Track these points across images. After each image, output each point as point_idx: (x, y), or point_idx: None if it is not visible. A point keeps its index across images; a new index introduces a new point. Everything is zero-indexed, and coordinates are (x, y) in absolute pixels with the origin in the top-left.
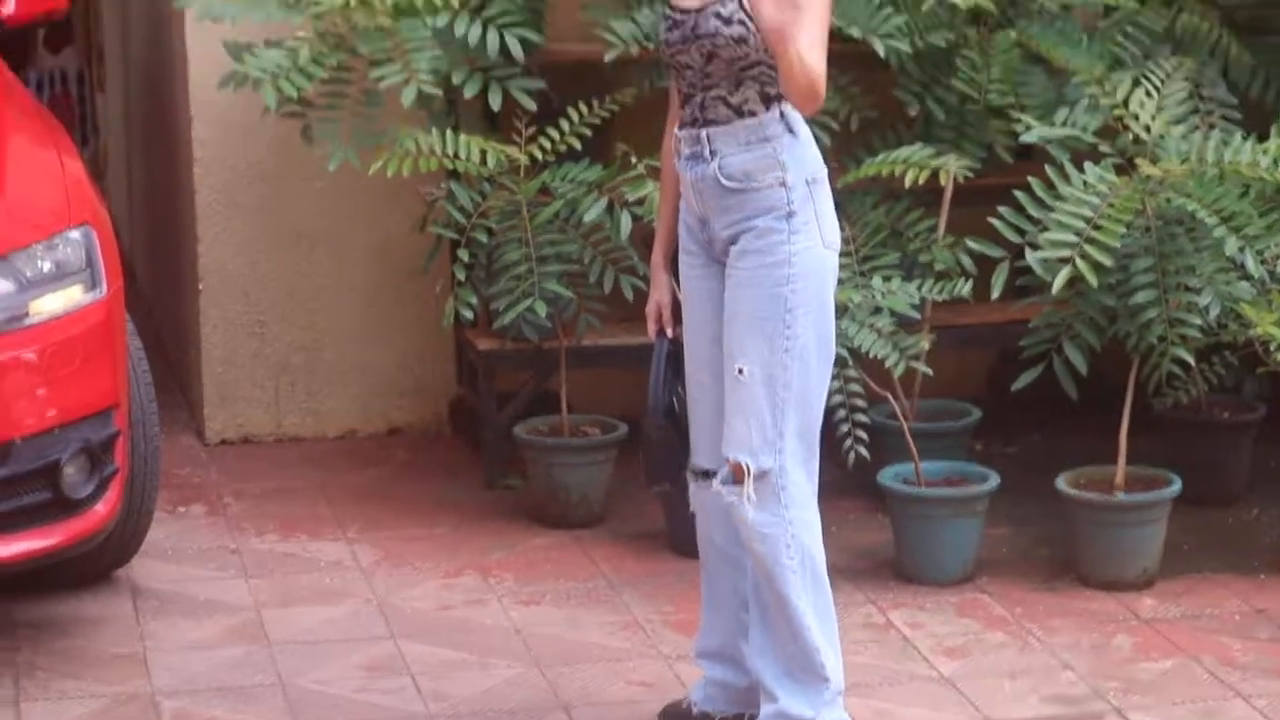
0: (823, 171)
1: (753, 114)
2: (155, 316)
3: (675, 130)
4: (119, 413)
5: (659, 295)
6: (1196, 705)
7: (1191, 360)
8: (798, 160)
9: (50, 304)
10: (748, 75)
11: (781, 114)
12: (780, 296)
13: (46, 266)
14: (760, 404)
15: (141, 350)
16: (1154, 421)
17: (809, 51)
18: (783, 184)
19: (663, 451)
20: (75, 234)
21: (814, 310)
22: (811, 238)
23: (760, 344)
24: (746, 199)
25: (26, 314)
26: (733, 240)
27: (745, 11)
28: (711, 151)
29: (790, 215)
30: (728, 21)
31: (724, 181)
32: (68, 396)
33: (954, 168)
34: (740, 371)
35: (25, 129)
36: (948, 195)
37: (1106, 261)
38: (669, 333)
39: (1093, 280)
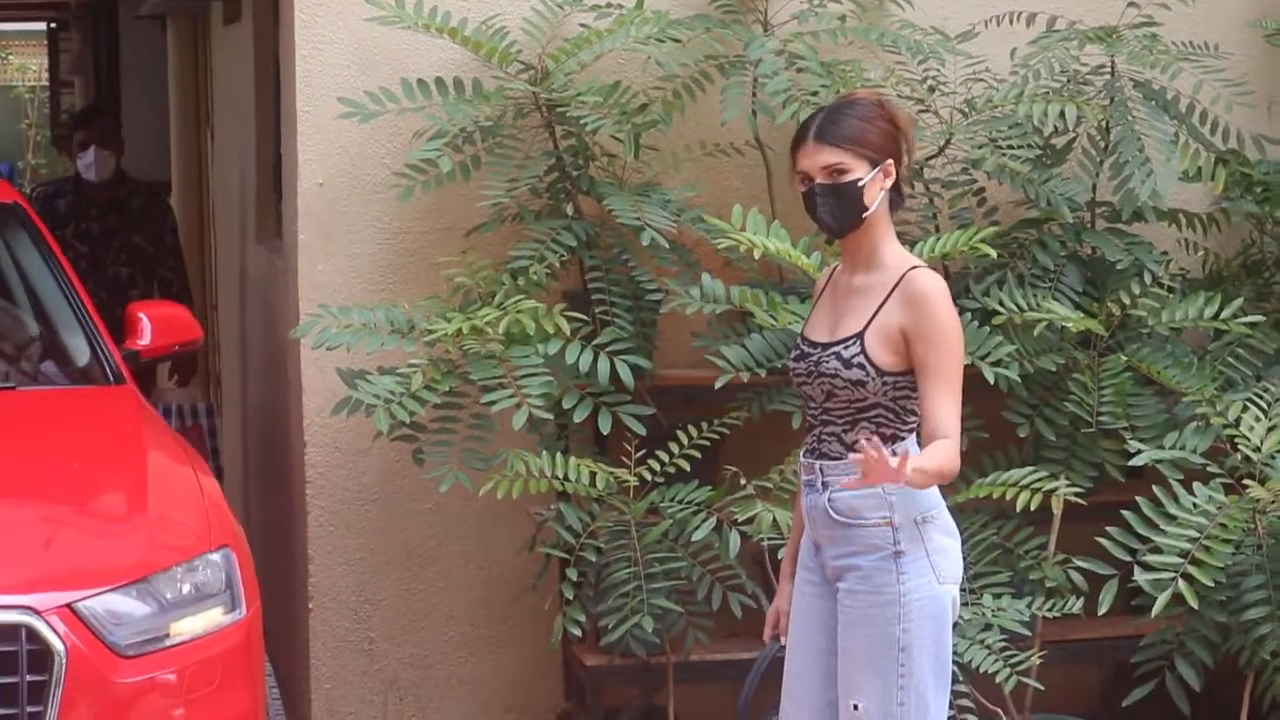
0: (938, 508)
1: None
2: (265, 632)
3: (800, 455)
4: None
5: (780, 603)
6: None
7: None
8: (907, 500)
9: (191, 625)
10: (864, 416)
11: (893, 453)
12: (893, 636)
13: (187, 588)
14: None
15: (269, 669)
16: None
17: (942, 419)
18: (889, 523)
19: None
20: (215, 556)
21: (929, 647)
22: (924, 575)
23: (875, 682)
24: (853, 534)
25: (167, 635)
26: (839, 576)
27: (867, 357)
28: (824, 484)
29: (898, 555)
30: (848, 364)
31: (833, 514)
32: (207, 717)
33: (1065, 492)
34: (856, 708)
35: (165, 454)
36: (1058, 517)
37: (1211, 581)
38: (782, 640)
39: (1193, 601)
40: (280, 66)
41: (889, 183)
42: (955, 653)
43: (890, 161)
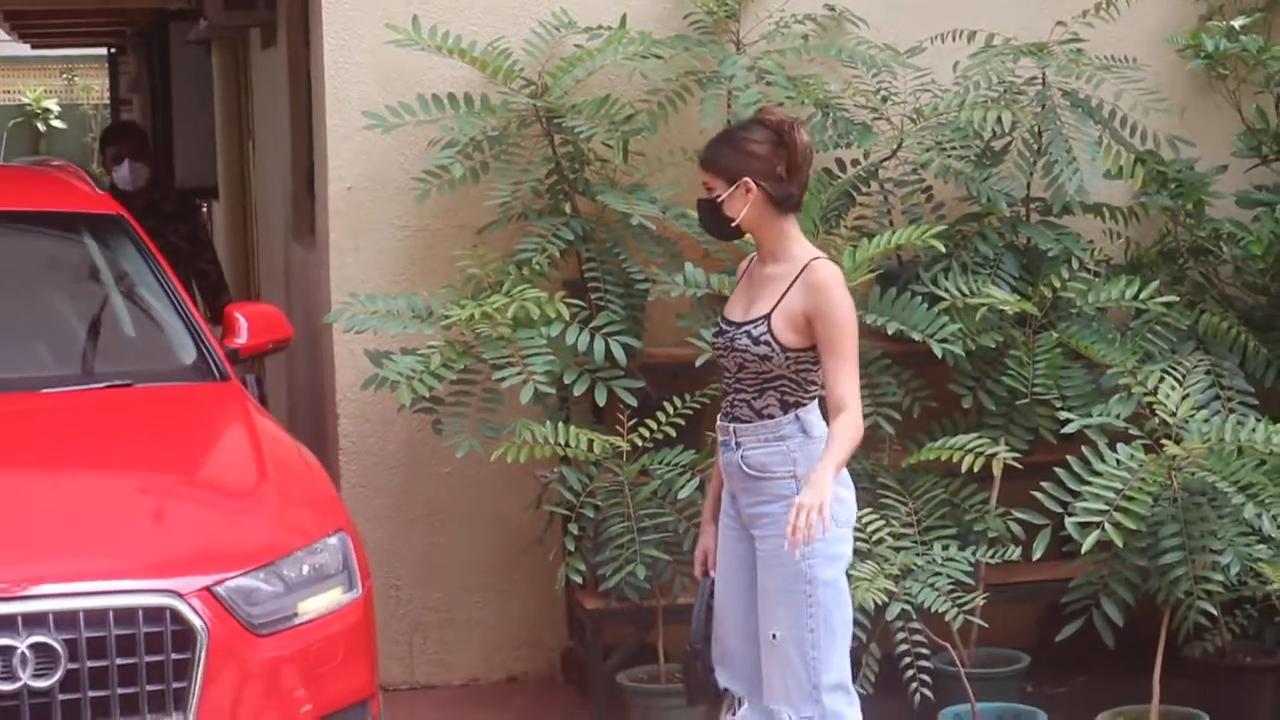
0: None
1: (771, 417)
2: None
3: (718, 419)
4: (374, 703)
5: (705, 542)
6: None
7: (1216, 612)
8: (809, 456)
9: (315, 604)
10: (770, 386)
11: (796, 417)
12: (800, 572)
13: (310, 570)
14: (794, 663)
15: None
16: (1184, 666)
17: (845, 388)
18: (794, 476)
19: (702, 671)
20: (333, 540)
21: (831, 580)
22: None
23: (788, 612)
24: (763, 485)
25: (295, 614)
26: (753, 523)
27: (773, 335)
28: (737, 443)
29: None
30: (756, 341)
31: (745, 469)
32: (330, 691)
33: (1004, 455)
34: (774, 637)
35: (281, 446)
36: (998, 477)
37: (1134, 527)
38: (711, 573)
39: (1119, 542)
40: (311, 85)
41: (751, 196)
42: (909, 595)
43: (747, 179)
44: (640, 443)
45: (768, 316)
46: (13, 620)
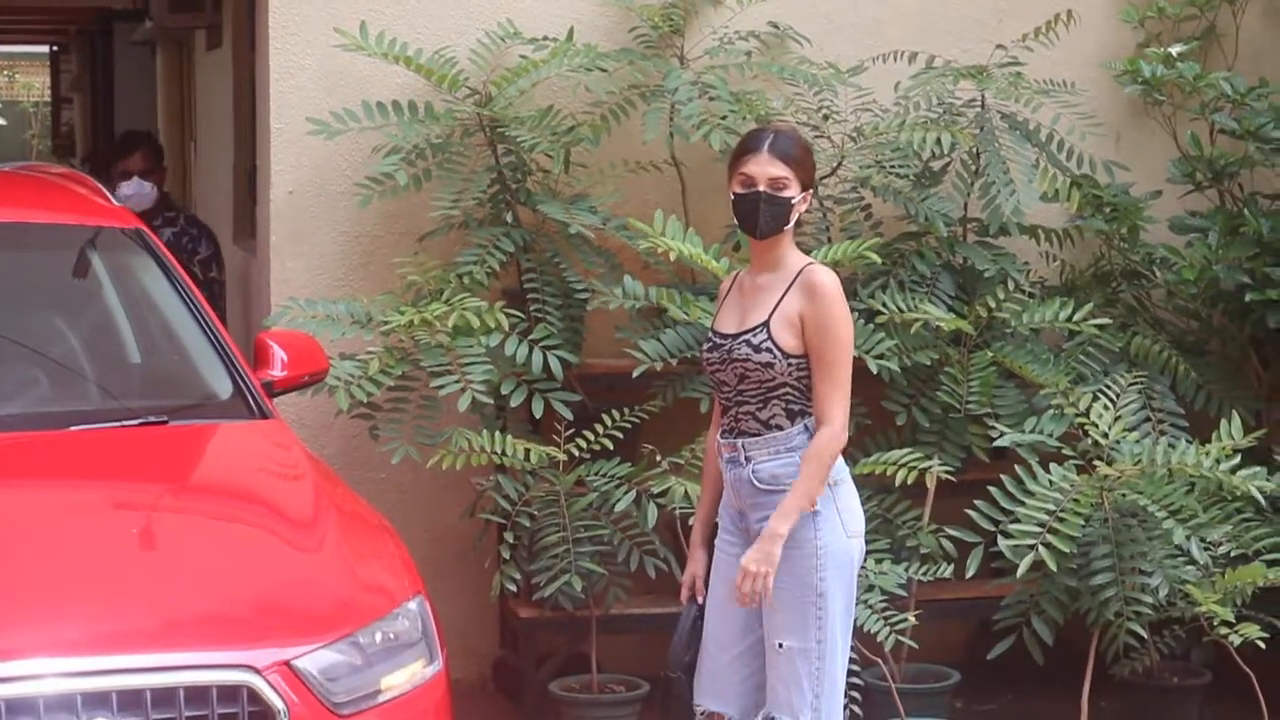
0: (844, 472)
1: (779, 428)
2: None
3: (717, 435)
4: None
5: (694, 568)
6: None
7: (1145, 633)
8: None
9: (397, 679)
10: (774, 395)
11: (805, 427)
12: (811, 584)
13: (391, 640)
14: (798, 673)
15: None
16: (1113, 685)
17: (828, 406)
18: None
19: (679, 698)
20: (412, 605)
21: (841, 592)
22: (835, 530)
23: (797, 622)
24: (775, 499)
25: (378, 690)
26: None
27: (773, 341)
28: (746, 458)
29: (815, 514)
30: (757, 349)
31: (756, 483)
32: None
33: (937, 470)
34: (780, 646)
35: (347, 497)
36: (931, 491)
37: (1067, 549)
38: (699, 600)
39: (1053, 565)
40: (256, 88)
41: (805, 207)
42: None
43: (809, 192)
44: (577, 453)
45: (766, 323)
46: (70, 701)
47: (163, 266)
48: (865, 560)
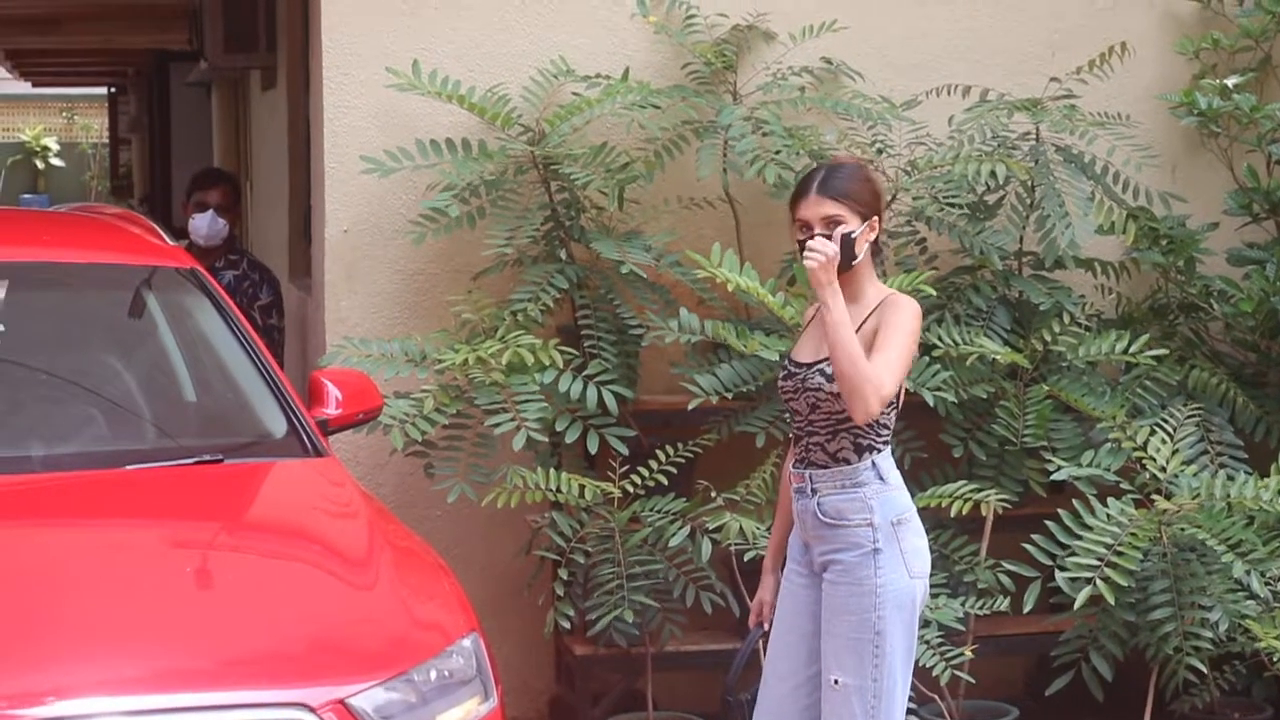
0: (910, 511)
1: (846, 461)
2: None
3: (789, 464)
4: None
5: (763, 594)
6: None
7: (1204, 668)
8: (884, 504)
9: (453, 716)
10: (843, 427)
11: (873, 464)
12: (870, 622)
13: (445, 677)
14: (853, 710)
15: None
16: None
17: (874, 363)
18: (869, 524)
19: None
20: (466, 642)
21: (900, 632)
22: (897, 570)
23: (853, 660)
24: (838, 533)
25: None
26: (824, 568)
27: None
28: (813, 489)
29: (876, 552)
30: (830, 379)
31: (821, 516)
32: None
33: (993, 501)
34: (835, 682)
35: (401, 534)
36: (988, 524)
37: (1125, 583)
38: (765, 626)
39: (1111, 598)
40: (310, 127)
41: (873, 235)
42: None
43: (876, 218)
44: (632, 489)
45: None
46: None
47: (218, 305)
48: None
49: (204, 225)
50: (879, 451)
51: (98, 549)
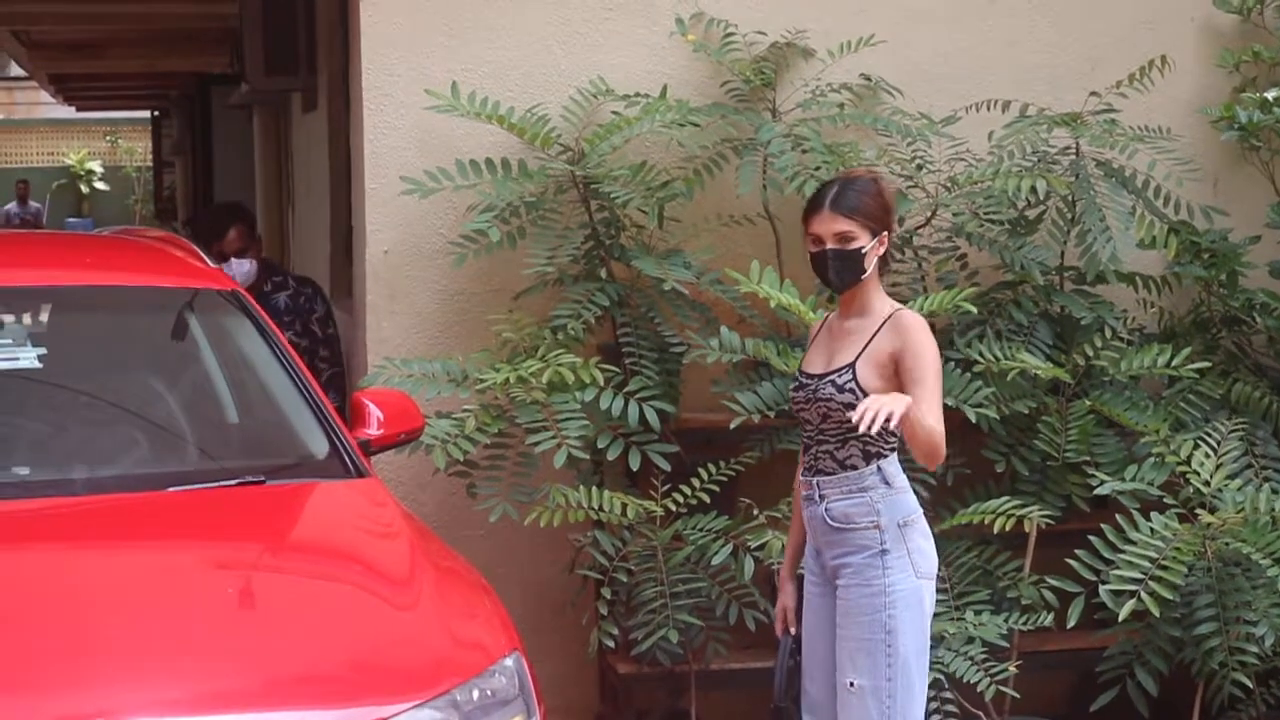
0: (916, 514)
1: (854, 468)
2: None
3: (800, 473)
4: None
5: (784, 600)
6: None
7: (1250, 683)
8: (890, 506)
9: None
10: (853, 436)
11: (879, 469)
12: (880, 622)
13: (488, 697)
14: (869, 712)
15: None
16: None
17: (931, 418)
18: (876, 526)
19: None
20: (509, 661)
21: (911, 631)
22: (905, 570)
23: (866, 662)
24: (846, 536)
25: None
26: (836, 573)
27: (857, 382)
28: (820, 496)
29: (884, 553)
30: (841, 389)
31: (829, 521)
32: None
33: (1036, 516)
34: (851, 685)
35: (443, 554)
36: (1032, 540)
37: (1170, 597)
38: (792, 631)
39: (1155, 611)
40: (351, 149)
41: (883, 250)
42: (941, 664)
43: (885, 234)
44: (674, 508)
45: (852, 365)
46: None
47: (259, 327)
48: (965, 613)
49: (232, 273)
50: (885, 457)
51: (142, 571)
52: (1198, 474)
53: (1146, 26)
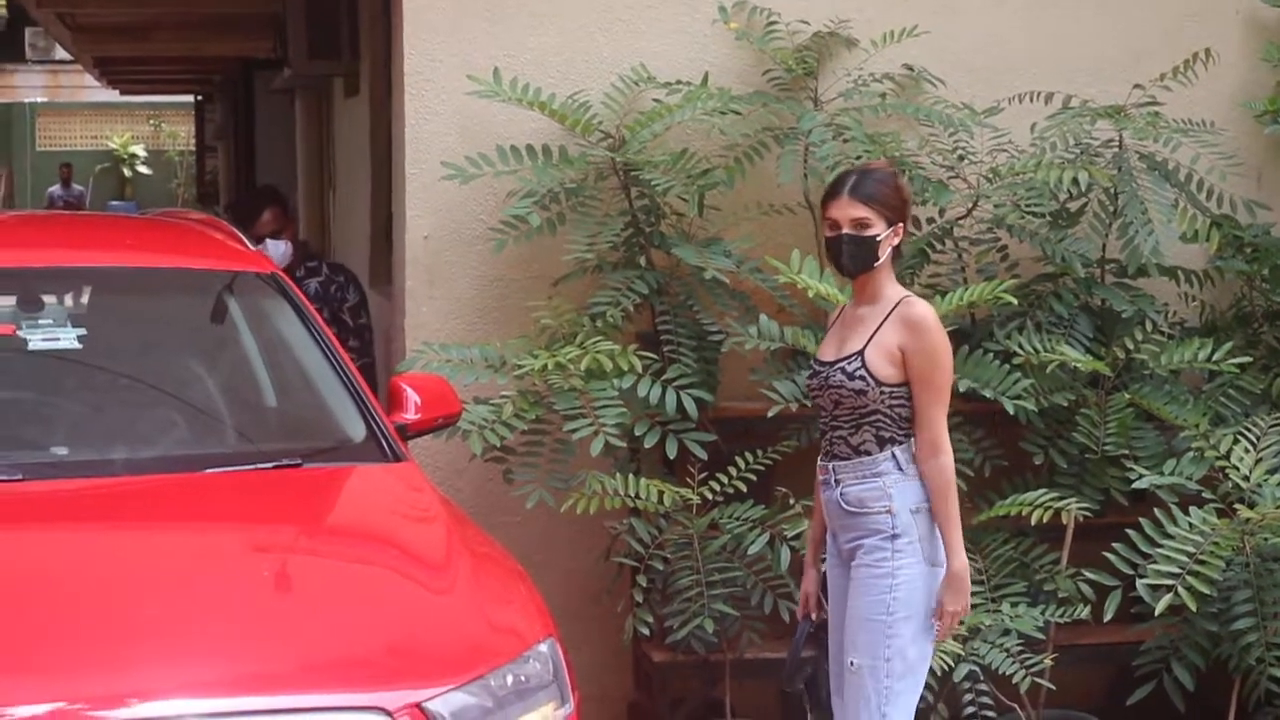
0: (928, 502)
1: (868, 453)
2: None
3: (818, 459)
4: None
5: (807, 586)
6: None
7: None
8: (903, 492)
9: None
10: (866, 421)
11: (893, 455)
12: (884, 603)
13: (521, 682)
14: (867, 691)
15: None
16: None
17: (938, 429)
18: (889, 511)
19: (797, 712)
20: (543, 647)
21: (913, 615)
22: (913, 555)
23: (866, 640)
24: (860, 520)
25: None
26: (851, 555)
27: (867, 369)
28: (836, 480)
29: (894, 537)
30: (851, 376)
31: (844, 506)
32: None
33: (1074, 509)
34: (851, 664)
35: (479, 539)
36: (1069, 532)
37: (1207, 591)
38: (814, 616)
39: (1192, 605)
40: (392, 134)
41: (897, 240)
42: (977, 655)
43: (900, 225)
44: (711, 496)
45: (861, 352)
46: None
47: (298, 310)
48: (1001, 605)
49: (270, 255)
50: (899, 443)
51: (177, 552)
52: (1237, 469)
53: (1192, 19)
